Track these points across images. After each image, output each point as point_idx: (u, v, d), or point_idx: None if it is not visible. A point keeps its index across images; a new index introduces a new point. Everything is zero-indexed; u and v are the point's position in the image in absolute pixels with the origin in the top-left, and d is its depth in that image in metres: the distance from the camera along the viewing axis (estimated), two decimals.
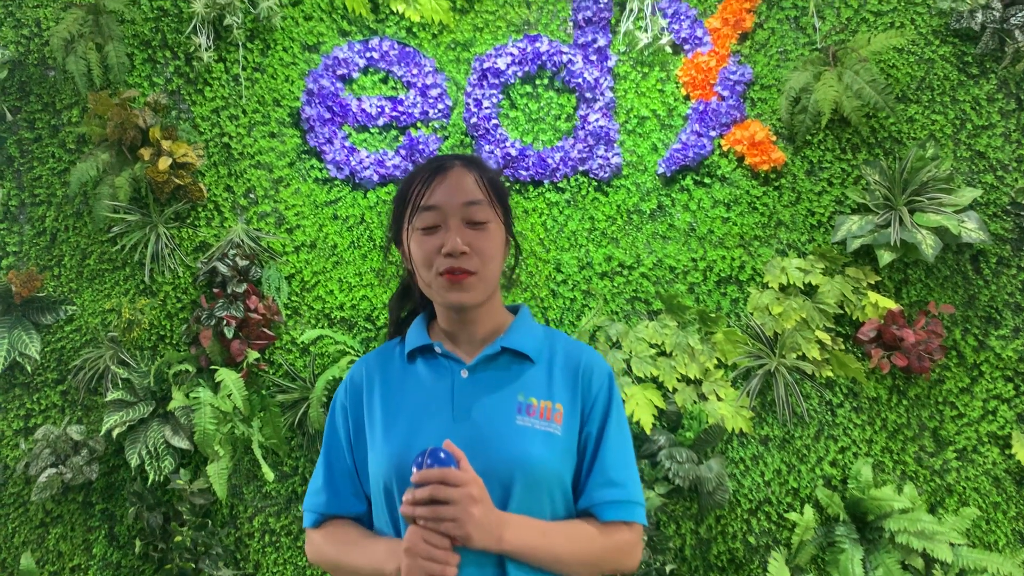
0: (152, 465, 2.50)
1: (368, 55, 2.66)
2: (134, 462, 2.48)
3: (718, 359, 2.62)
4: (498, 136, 2.63)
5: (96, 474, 2.53)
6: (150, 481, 2.49)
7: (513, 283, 2.61)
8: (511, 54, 2.62)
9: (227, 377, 2.52)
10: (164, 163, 2.49)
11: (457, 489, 1.09)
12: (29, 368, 2.61)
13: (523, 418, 1.26)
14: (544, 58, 2.63)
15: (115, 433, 2.48)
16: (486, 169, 1.36)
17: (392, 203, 1.39)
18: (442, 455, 1.11)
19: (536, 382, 1.31)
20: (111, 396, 2.52)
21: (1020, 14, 2.47)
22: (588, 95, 2.63)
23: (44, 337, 2.64)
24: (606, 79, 2.63)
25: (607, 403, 1.35)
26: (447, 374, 1.32)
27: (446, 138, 2.69)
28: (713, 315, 2.61)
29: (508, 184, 2.66)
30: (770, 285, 2.61)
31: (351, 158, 2.64)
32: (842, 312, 2.59)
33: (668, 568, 2.48)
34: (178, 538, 2.50)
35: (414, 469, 1.12)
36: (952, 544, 2.44)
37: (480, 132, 2.64)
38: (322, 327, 2.65)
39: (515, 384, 1.30)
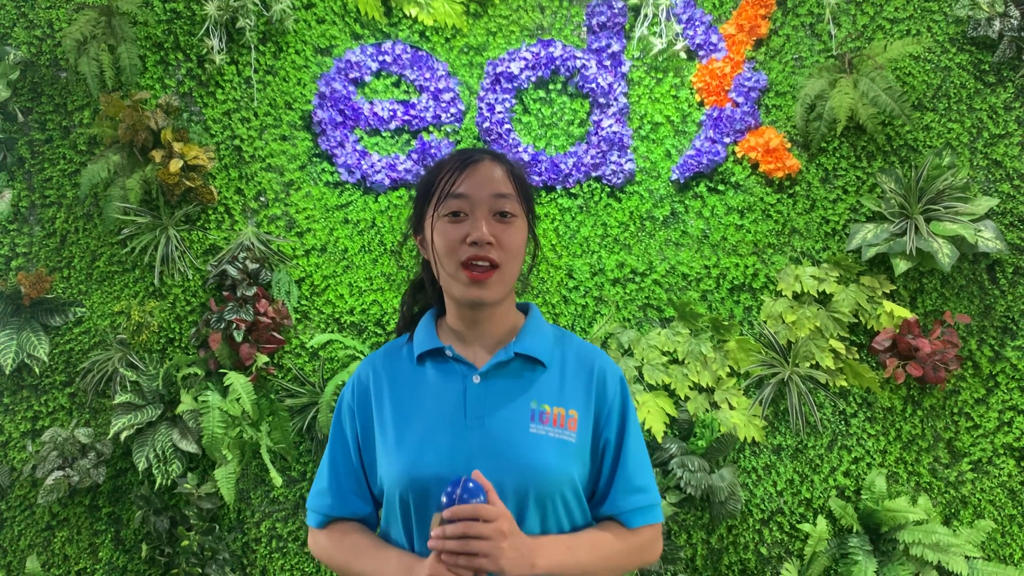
0: (159, 469, 2.49)
1: (381, 59, 2.65)
2: (141, 465, 2.46)
3: (731, 367, 2.60)
4: (511, 141, 2.62)
5: (103, 477, 2.51)
6: (157, 485, 2.47)
7: (527, 285, 2.59)
8: (524, 59, 2.61)
9: (236, 381, 2.50)
10: (175, 165, 2.48)
11: (489, 525, 1.10)
12: (37, 370, 2.59)
13: (536, 426, 1.25)
14: (558, 63, 2.62)
15: (123, 436, 2.46)
16: (514, 165, 1.35)
17: (415, 191, 1.38)
18: (471, 485, 1.12)
19: (549, 388, 1.30)
20: (119, 399, 2.50)
21: None
22: (602, 100, 2.61)
23: (53, 339, 2.63)
24: (620, 84, 2.61)
25: (622, 408, 1.35)
26: (458, 379, 1.30)
27: (458, 142, 2.67)
28: (726, 323, 2.59)
29: None
30: (784, 293, 2.58)
31: (363, 162, 2.62)
32: (856, 321, 2.56)
33: None
34: (185, 543, 2.48)
35: (443, 500, 1.12)
36: (967, 557, 2.42)
37: (493, 137, 2.62)
38: (332, 331, 2.64)
39: (528, 391, 1.29)
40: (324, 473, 1.39)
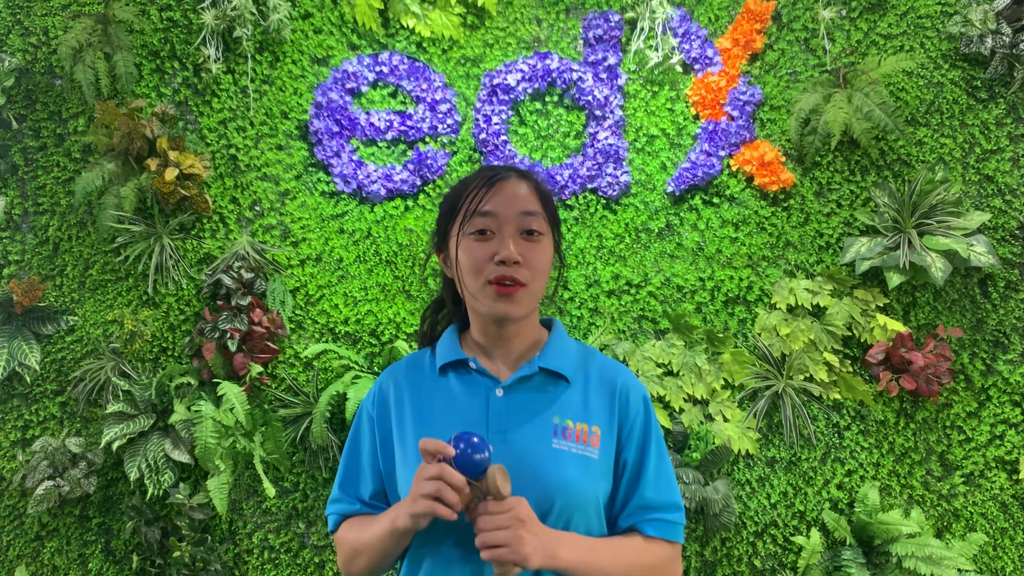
0: (151, 479, 2.47)
1: (378, 69, 2.65)
2: (133, 475, 2.44)
3: (725, 379, 2.60)
4: (507, 152, 2.62)
5: (94, 487, 2.49)
6: (149, 495, 2.45)
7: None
8: (521, 71, 2.62)
9: (229, 391, 2.49)
10: (171, 174, 2.47)
11: (505, 515, 1.09)
12: (28, 378, 2.57)
13: (559, 441, 1.24)
14: (554, 75, 2.63)
15: (114, 446, 2.44)
16: (540, 183, 1.36)
17: (439, 209, 1.37)
18: (475, 440, 1.10)
19: (572, 403, 1.29)
20: (111, 408, 2.49)
21: None
22: (598, 113, 2.62)
23: (44, 347, 2.61)
24: (616, 97, 2.63)
25: (644, 427, 1.33)
26: (481, 392, 1.29)
27: (455, 153, 2.68)
28: (720, 335, 2.59)
29: None
30: (778, 306, 2.59)
31: (359, 172, 2.62)
32: (850, 334, 2.58)
33: None
34: (176, 553, 2.46)
35: (454, 452, 1.10)
36: (960, 570, 2.42)
37: (489, 148, 2.63)
38: (326, 341, 2.63)
39: (551, 406, 1.28)
40: (341, 479, 1.38)
